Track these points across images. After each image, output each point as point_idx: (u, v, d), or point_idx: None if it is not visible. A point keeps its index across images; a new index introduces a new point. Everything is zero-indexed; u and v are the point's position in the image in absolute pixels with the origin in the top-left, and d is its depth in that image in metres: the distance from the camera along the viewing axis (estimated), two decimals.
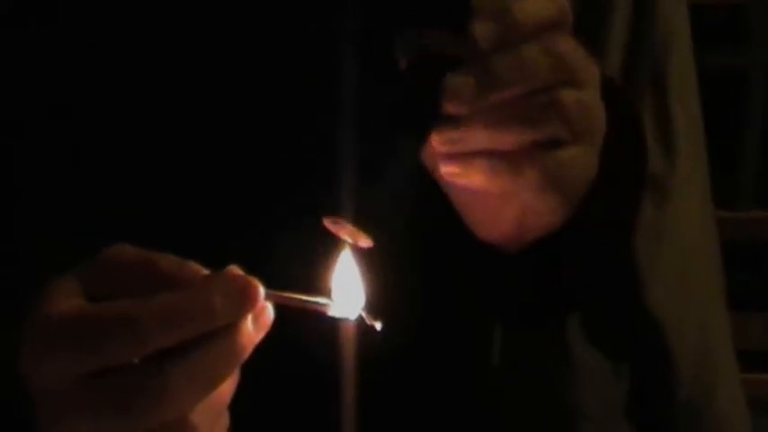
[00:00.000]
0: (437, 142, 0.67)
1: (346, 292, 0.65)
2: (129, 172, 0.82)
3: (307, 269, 0.67)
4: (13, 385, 0.66)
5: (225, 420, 0.66)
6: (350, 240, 0.65)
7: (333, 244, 0.66)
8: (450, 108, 0.65)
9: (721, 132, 1.77)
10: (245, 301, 0.63)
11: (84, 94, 0.85)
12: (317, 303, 0.65)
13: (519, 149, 0.68)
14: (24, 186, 0.84)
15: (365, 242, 0.65)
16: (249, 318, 0.63)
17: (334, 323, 0.66)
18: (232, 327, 0.63)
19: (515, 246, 0.80)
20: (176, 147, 0.83)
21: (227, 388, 0.65)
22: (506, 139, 0.68)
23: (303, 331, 0.69)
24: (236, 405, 0.67)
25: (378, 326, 0.66)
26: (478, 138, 0.67)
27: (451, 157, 0.68)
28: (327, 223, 0.65)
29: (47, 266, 0.69)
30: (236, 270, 0.64)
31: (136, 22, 0.86)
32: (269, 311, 0.64)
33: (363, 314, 0.66)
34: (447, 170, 0.69)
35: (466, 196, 0.75)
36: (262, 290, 0.63)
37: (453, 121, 0.66)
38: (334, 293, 0.65)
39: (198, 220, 0.78)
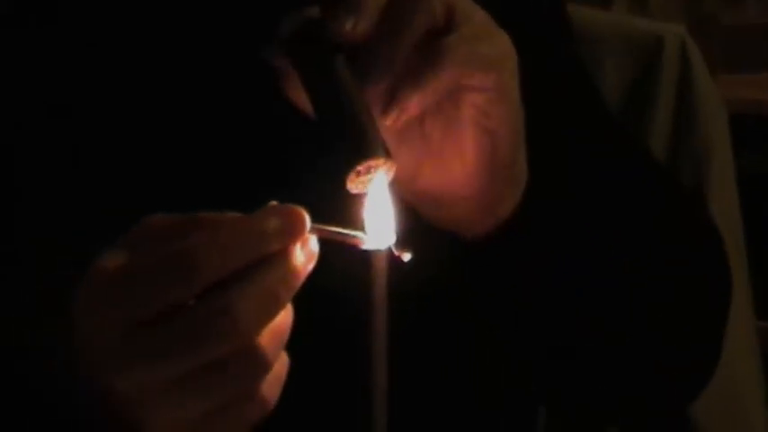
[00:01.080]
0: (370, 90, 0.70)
1: (378, 225, 0.68)
2: (128, 171, 0.82)
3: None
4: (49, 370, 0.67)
5: (285, 358, 0.67)
6: (381, 176, 0.68)
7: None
8: (343, 32, 0.69)
9: (760, 235, 1.80)
10: (294, 225, 0.64)
11: (84, 94, 0.84)
12: (351, 236, 0.67)
13: (423, 52, 0.70)
14: (24, 186, 0.83)
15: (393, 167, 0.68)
16: (298, 246, 0.65)
17: (366, 254, 0.69)
18: (284, 252, 0.64)
19: (501, 200, 0.79)
20: (176, 146, 0.83)
21: (286, 319, 0.66)
22: (407, 41, 0.70)
23: (336, 272, 0.70)
24: None
25: (407, 257, 0.68)
26: (388, 50, 0.69)
27: (385, 109, 0.70)
28: (352, 181, 0.67)
29: (47, 266, 0.71)
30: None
31: (135, 24, 0.86)
32: (314, 242, 0.66)
33: (393, 246, 0.68)
34: (391, 119, 0.70)
35: (425, 156, 0.76)
36: (308, 217, 0.65)
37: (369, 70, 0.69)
38: (367, 226, 0.68)
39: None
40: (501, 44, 0.74)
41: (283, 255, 0.65)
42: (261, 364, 0.65)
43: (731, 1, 2.81)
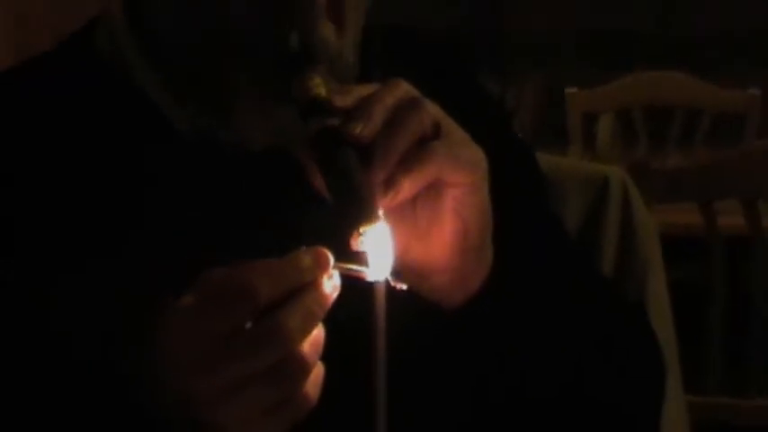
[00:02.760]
0: (376, 176, 0.73)
1: (377, 264, 0.73)
2: (182, 242, 0.82)
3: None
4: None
5: (321, 365, 0.71)
6: (379, 233, 0.72)
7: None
8: (354, 134, 0.74)
9: (687, 327, 1.80)
10: (322, 262, 0.70)
11: (136, 176, 0.84)
12: (358, 271, 0.72)
13: (415, 151, 0.74)
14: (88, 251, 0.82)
15: (382, 227, 0.73)
16: (326, 277, 0.70)
17: (369, 285, 0.73)
18: (316, 282, 0.70)
19: (472, 276, 0.81)
20: (221, 218, 0.84)
21: (320, 334, 0.70)
22: (402, 143, 0.74)
23: (346, 302, 0.72)
24: None
25: (404, 287, 0.73)
26: (388, 149, 0.74)
27: (384, 192, 0.74)
28: (355, 240, 0.72)
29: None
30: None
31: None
32: (336, 276, 0.71)
33: (391, 278, 0.73)
34: (388, 199, 0.74)
35: (412, 244, 0.78)
36: (331, 256, 0.71)
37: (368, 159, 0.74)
38: (369, 262, 0.72)
39: None
40: (476, 151, 0.77)
41: (315, 284, 0.70)
42: (304, 368, 0.69)
43: (656, 151, 2.98)
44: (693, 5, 3.38)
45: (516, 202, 0.87)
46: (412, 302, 0.76)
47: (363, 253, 0.72)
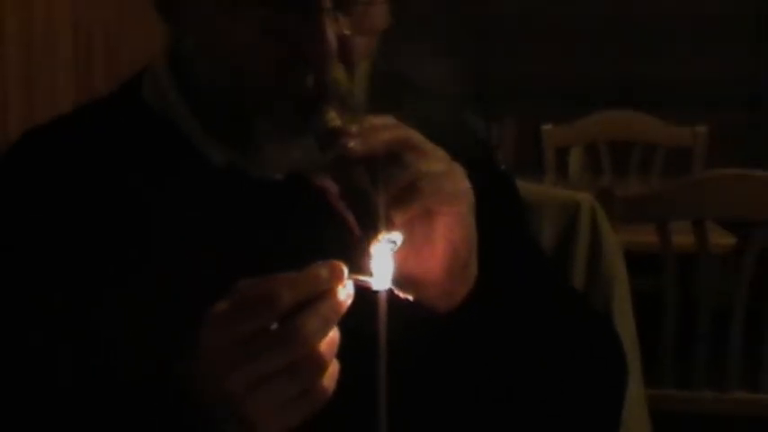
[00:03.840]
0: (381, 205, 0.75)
1: (383, 274, 0.74)
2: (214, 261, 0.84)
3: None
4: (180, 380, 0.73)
5: (335, 364, 0.73)
6: (387, 239, 0.74)
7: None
8: (348, 147, 0.76)
9: (647, 330, 1.88)
10: (338, 272, 0.71)
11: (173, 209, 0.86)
12: (366, 281, 0.73)
13: (406, 187, 0.76)
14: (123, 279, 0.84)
15: (397, 237, 0.75)
16: (340, 287, 0.72)
17: (375, 294, 0.74)
18: (332, 290, 0.71)
19: (461, 281, 0.82)
20: (255, 239, 0.87)
21: (336, 335, 0.72)
22: (399, 174, 0.76)
23: (353, 312, 0.73)
24: None
25: (410, 297, 0.75)
26: (387, 179, 0.75)
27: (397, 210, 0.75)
28: (369, 247, 0.74)
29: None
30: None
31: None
32: (350, 285, 0.72)
33: (395, 288, 0.74)
34: (398, 221, 0.75)
35: (410, 257, 0.79)
36: (345, 268, 0.72)
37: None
38: (375, 272, 0.74)
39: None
40: (461, 184, 0.79)
41: (331, 292, 0.72)
42: (321, 365, 0.71)
43: (619, 179, 3.09)
44: (652, 56, 3.49)
45: (500, 226, 0.89)
46: (410, 312, 0.78)
47: (372, 263, 0.74)
